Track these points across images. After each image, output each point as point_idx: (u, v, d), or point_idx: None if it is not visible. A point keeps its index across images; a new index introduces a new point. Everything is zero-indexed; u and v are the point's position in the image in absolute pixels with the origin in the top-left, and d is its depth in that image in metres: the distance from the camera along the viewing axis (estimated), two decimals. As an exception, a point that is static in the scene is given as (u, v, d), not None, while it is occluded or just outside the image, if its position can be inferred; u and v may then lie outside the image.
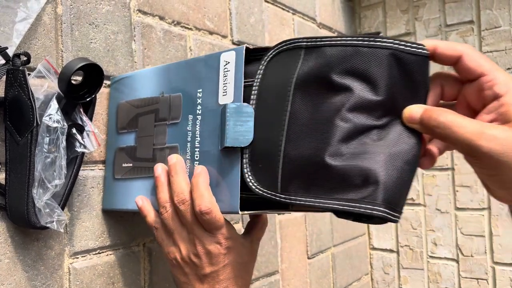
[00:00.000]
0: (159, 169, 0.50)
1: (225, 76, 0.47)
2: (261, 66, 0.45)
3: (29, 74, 0.46)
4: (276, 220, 0.87)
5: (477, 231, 1.08)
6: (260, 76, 0.45)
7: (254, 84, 0.46)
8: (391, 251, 1.21)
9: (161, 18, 0.66)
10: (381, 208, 0.37)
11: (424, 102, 0.40)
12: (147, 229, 0.61)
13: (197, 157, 0.48)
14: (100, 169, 0.56)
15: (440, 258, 1.12)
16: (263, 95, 0.45)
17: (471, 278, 1.07)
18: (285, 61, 0.44)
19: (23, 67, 0.45)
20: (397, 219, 0.38)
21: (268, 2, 0.90)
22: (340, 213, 0.41)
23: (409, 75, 0.39)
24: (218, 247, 0.47)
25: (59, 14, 0.53)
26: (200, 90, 0.49)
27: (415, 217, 1.17)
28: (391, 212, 0.38)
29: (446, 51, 0.39)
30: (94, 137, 0.50)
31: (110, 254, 0.57)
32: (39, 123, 0.45)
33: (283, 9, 0.95)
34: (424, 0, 1.14)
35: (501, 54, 1.03)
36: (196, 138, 0.49)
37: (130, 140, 0.55)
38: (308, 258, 0.97)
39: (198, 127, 0.48)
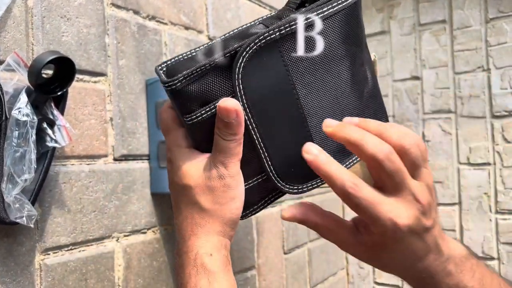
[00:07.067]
0: None
1: None
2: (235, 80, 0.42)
3: (-3, 67, 0.46)
4: (252, 216, 0.88)
5: (448, 226, 1.10)
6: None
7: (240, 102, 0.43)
8: (366, 246, 1.23)
9: (136, 12, 0.66)
10: None
11: None
12: (119, 224, 0.61)
13: None
14: (72, 164, 0.56)
15: (413, 252, 1.15)
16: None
17: (442, 271, 1.10)
18: (263, 64, 0.42)
19: (-9, 59, 0.44)
20: None
21: (244, -2, 0.90)
22: None
23: None
24: None
25: (30, 7, 0.52)
26: None
27: (390, 213, 1.19)
28: None
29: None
30: (65, 131, 0.49)
31: (83, 250, 0.56)
32: (8, 116, 0.44)
33: (259, 5, 0.95)
34: (398, 0, 1.16)
35: (472, 53, 1.06)
36: None
37: None
38: (285, 253, 0.98)
39: None
